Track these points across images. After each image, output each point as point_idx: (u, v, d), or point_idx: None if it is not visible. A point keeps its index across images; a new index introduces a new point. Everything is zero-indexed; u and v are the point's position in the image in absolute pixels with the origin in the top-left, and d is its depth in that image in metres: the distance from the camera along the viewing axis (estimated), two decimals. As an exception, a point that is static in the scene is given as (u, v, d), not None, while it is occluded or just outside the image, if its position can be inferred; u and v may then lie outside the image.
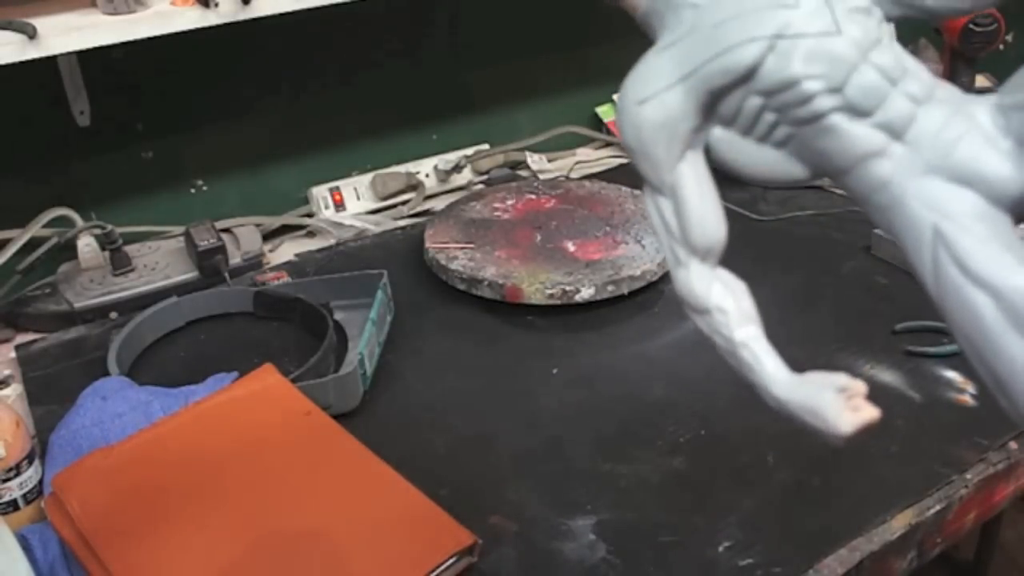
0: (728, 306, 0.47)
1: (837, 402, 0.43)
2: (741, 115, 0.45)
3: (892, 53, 0.44)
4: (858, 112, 0.43)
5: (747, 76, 0.43)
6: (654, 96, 0.45)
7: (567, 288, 0.98)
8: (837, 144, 0.43)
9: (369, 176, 1.30)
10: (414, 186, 1.31)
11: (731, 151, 0.47)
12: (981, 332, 0.39)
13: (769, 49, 0.43)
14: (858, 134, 0.43)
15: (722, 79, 0.44)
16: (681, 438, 0.80)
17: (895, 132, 0.43)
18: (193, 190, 1.24)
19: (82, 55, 1.03)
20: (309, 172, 1.29)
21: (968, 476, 0.75)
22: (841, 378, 0.44)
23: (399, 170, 1.32)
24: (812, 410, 0.43)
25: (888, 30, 0.45)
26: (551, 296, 0.98)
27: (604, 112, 1.49)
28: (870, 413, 0.42)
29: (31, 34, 0.89)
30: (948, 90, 0.44)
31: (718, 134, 0.47)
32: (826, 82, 0.42)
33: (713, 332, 0.48)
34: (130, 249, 1.10)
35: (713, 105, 0.45)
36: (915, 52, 1.50)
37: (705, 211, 0.47)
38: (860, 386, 0.43)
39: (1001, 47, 1.21)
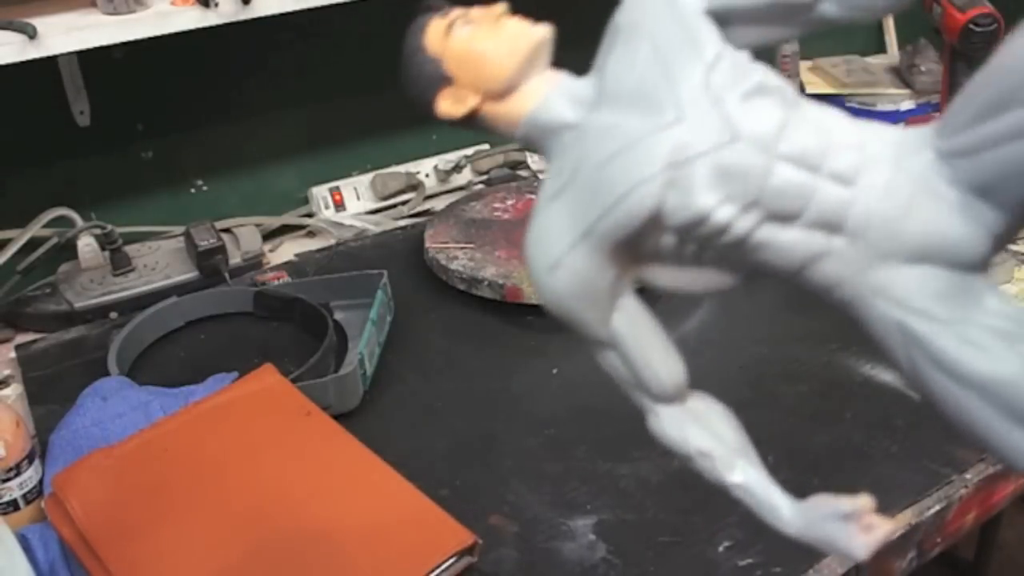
0: (711, 448, 0.43)
1: (848, 531, 0.40)
2: (660, 252, 0.40)
3: (805, 127, 0.38)
4: (785, 218, 0.38)
5: (651, 221, 0.38)
6: (560, 261, 0.40)
7: (567, 288, 0.98)
8: (773, 256, 0.39)
9: (369, 176, 1.30)
10: (414, 186, 1.31)
11: (659, 278, 0.43)
12: (974, 426, 0.36)
13: (666, 186, 0.37)
14: (791, 241, 0.38)
15: (624, 231, 0.39)
16: (681, 438, 0.80)
17: (832, 226, 0.38)
18: (193, 190, 1.24)
19: (82, 55, 1.03)
20: (309, 172, 1.29)
21: (968, 476, 0.75)
22: (844, 503, 0.41)
23: (399, 170, 1.32)
24: (827, 543, 0.41)
25: (791, 92, 0.39)
26: (551, 296, 0.98)
27: (604, 112, 1.49)
28: (884, 528, 0.40)
29: (31, 34, 0.89)
30: (879, 138, 0.38)
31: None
32: (739, 201, 0.37)
33: (702, 473, 0.44)
34: (130, 249, 1.10)
35: (627, 250, 0.40)
36: (915, 52, 1.50)
37: (654, 360, 0.43)
38: (866, 503, 0.40)
39: (1001, 47, 1.21)
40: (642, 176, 0.37)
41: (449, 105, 0.42)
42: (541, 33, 0.42)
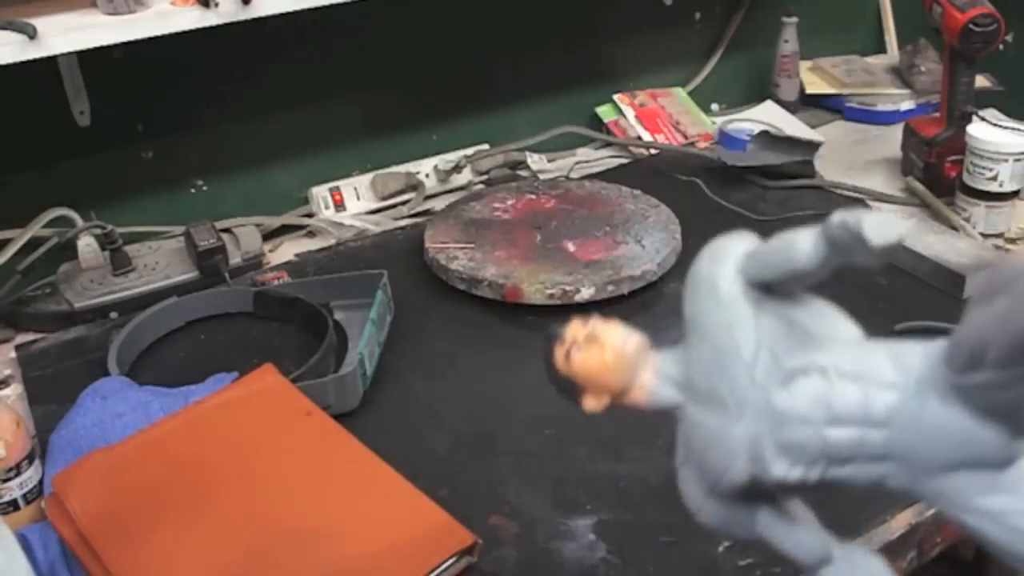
0: None
1: None
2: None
3: (841, 388, 0.46)
4: (844, 461, 0.47)
5: (750, 482, 0.49)
6: (701, 508, 0.51)
7: (567, 288, 0.98)
8: (846, 480, 0.47)
9: (369, 176, 1.30)
10: (414, 186, 1.31)
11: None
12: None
13: (750, 463, 0.48)
14: (854, 473, 0.46)
15: (732, 491, 0.49)
16: (681, 438, 0.80)
17: (882, 459, 0.46)
18: (193, 190, 1.24)
19: (82, 55, 1.03)
20: (309, 172, 1.29)
21: (968, 476, 0.75)
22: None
23: (399, 170, 1.32)
24: None
25: (830, 353, 0.47)
26: (551, 296, 0.98)
27: (604, 112, 1.49)
28: None
29: (31, 34, 0.89)
30: (905, 369, 0.45)
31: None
32: (803, 461, 0.47)
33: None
34: (130, 249, 1.10)
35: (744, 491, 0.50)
36: (915, 52, 1.50)
37: (794, 547, 0.52)
38: None
39: (1001, 47, 1.21)
40: (730, 463, 0.48)
41: (593, 403, 0.53)
42: (632, 346, 0.52)
